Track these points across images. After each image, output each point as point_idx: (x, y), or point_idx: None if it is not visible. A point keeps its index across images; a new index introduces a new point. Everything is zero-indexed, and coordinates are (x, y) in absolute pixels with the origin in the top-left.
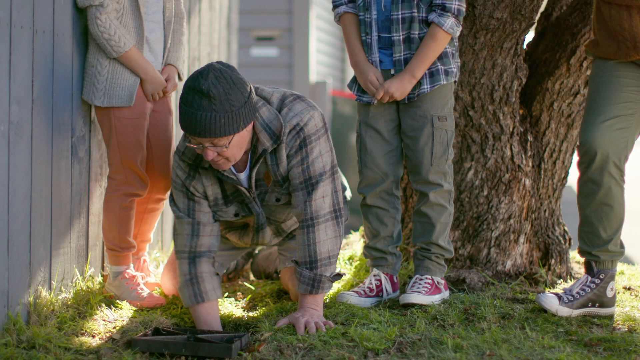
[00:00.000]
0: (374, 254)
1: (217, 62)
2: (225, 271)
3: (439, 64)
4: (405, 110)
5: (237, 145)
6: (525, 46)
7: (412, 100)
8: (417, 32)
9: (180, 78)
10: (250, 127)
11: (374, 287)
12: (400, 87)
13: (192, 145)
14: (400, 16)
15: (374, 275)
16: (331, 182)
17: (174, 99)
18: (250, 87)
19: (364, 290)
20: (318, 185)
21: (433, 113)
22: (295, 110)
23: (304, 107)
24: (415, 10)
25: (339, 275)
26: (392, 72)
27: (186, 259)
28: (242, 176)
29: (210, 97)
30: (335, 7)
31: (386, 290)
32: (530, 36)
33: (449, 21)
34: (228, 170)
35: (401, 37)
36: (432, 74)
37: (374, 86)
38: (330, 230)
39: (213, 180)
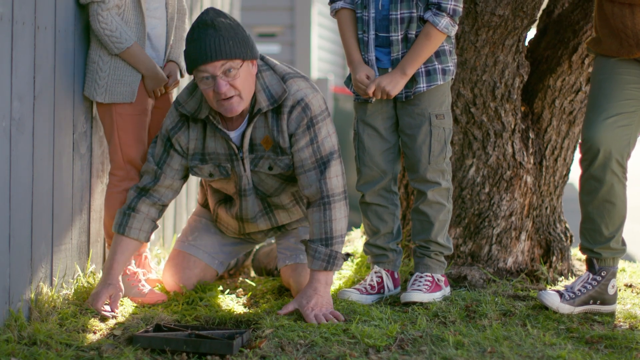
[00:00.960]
0: (374, 251)
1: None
2: (225, 268)
3: (436, 62)
4: (402, 108)
5: (245, 78)
6: (527, 43)
7: (409, 98)
8: (414, 32)
9: (182, 74)
10: (255, 69)
11: (375, 284)
12: (391, 82)
13: (203, 87)
14: (399, 16)
15: (375, 272)
16: (340, 163)
17: (175, 95)
18: (246, 31)
19: (365, 288)
20: (331, 164)
21: (431, 111)
22: (300, 86)
23: (308, 86)
24: (415, 10)
25: (348, 255)
26: (390, 70)
27: (136, 191)
28: (234, 134)
29: (216, 26)
30: (332, 1)
31: (387, 287)
32: (532, 33)
33: (444, 21)
34: (221, 123)
35: (399, 37)
36: (429, 73)
37: (363, 84)
38: (343, 210)
39: (199, 135)
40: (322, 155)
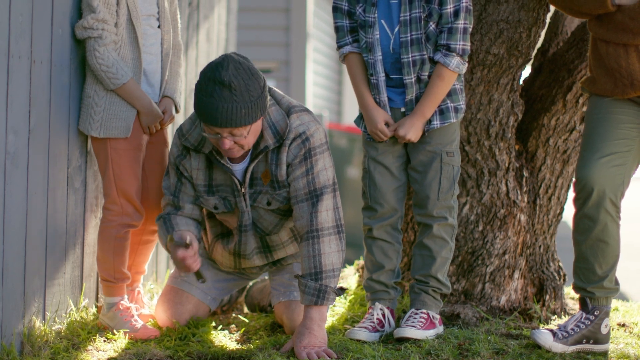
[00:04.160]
0: (377, 287)
1: (233, 52)
2: (219, 304)
3: (448, 101)
4: (414, 146)
5: (252, 133)
6: (521, 82)
7: (422, 136)
8: (426, 73)
9: (177, 110)
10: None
11: (382, 320)
12: (414, 132)
13: (208, 135)
14: (410, 59)
15: (380, 309)
16: (333, 197)
17: (170, 131)
18: (264, 78)
19: (371, 325)
20: (322, 197)
21: (442, 148)
22: (303, 120)
23: (311, 119)
24: (425, 52)
25: (342, 290)
26: (403, 110)
27: (161, 215)
28: (237, 167)
29: (232, 88)
30: (339, 47)
31: (389, 324)
32: (526, 72)
33: (455, 60)
34: (224, 158)
35: (413, 79)
36: (442, 112)
37: (384, 134)
38: (333, 244)
39: (202, 165)
40: (316, 188)
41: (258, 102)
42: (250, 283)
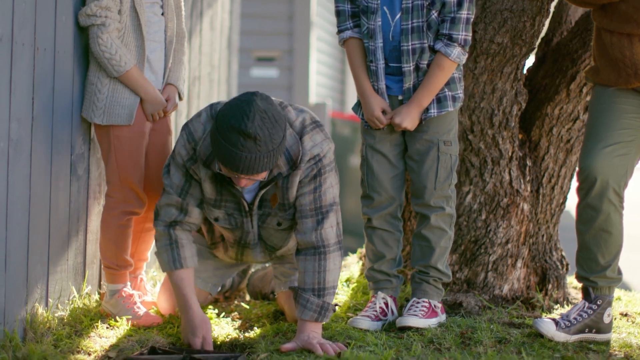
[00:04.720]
0: (378, 277)
1: (256, 96)
2: (220, 289)
3: (446, 89)
4: (411, 135)
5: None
6: (525, 71)
7: (419, 124)
8: (425, 62)
9: (180, 98)
10: None
11: (384, 309)
12: (411, 120)
13: (225, 173)
14: (410, 47)
15: (382, 298)
16: (336, 214)
17: (173, 118)
18: (284, 117)
19: (374, 314)
20: (329, 215)
21: (439, 137)
22: (315, 141)
23: (323, 138)
24: (425, 40)
25: (336, 306)
26: (400, 97)
27: (166, 225)
28: (247, 189)
29: (257, 140)
30: (340, 31)
31: (393, 312)
32: (530, 61)
33: (456, 51)
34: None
35: (411, 67)
36: (440, 100)
37: (380, 122)
38: (337, 261)
39: (205, 177)
40: (322, 205)
41: (280, 148)
42: (252, 270)
